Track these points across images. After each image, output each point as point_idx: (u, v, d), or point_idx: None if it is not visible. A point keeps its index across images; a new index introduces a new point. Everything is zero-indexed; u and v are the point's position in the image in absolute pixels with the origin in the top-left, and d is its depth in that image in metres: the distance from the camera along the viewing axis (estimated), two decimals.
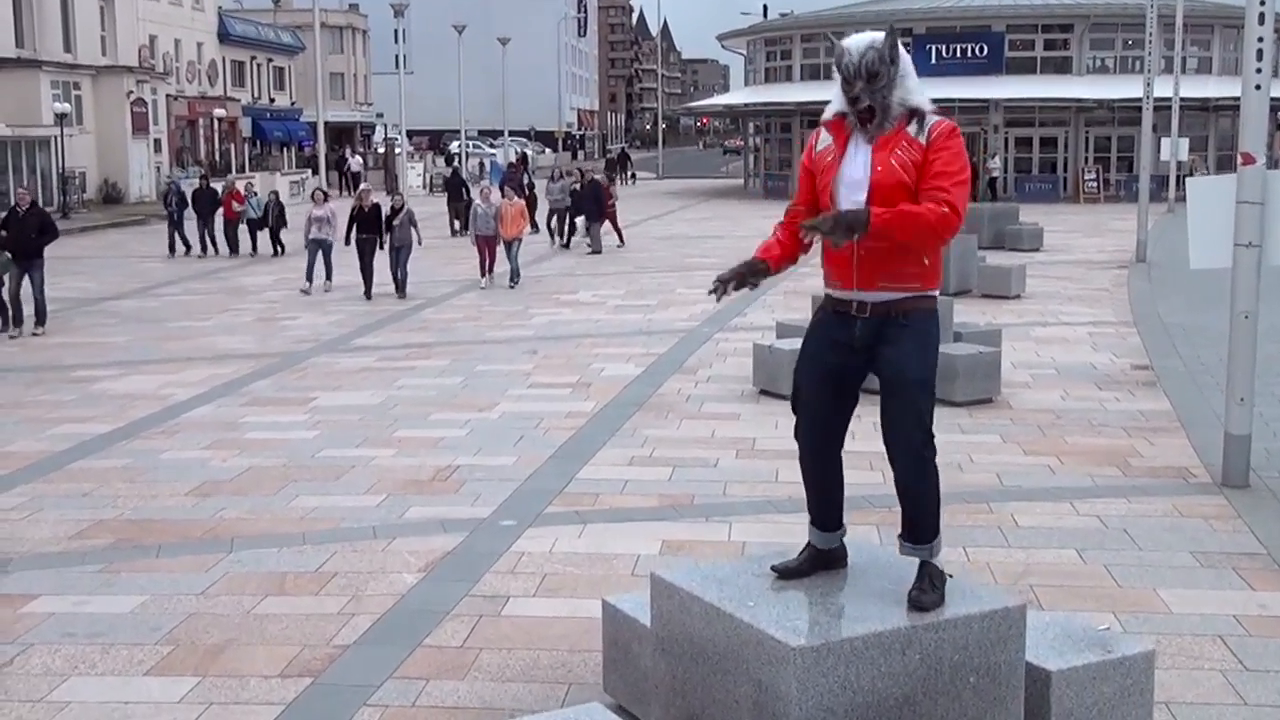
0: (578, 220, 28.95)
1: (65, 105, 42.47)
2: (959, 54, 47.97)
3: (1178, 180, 39.01)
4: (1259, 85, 8.77)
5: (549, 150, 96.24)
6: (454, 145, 70.87)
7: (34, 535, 8.40)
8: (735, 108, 60.39)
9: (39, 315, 17.52)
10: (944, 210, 4.55)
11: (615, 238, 29.42)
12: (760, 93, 54.65)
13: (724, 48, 63.14)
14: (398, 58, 51.36)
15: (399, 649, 6.37)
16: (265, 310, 19.72)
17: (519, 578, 7.39)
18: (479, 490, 9.25)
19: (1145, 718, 5.09)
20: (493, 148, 76.50)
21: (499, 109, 64.53)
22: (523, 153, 58.50)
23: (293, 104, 71.93)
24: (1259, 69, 8.79)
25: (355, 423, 11.58)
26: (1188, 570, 7.42)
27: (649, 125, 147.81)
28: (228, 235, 28.92)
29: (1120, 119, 46.14)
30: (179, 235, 29.08)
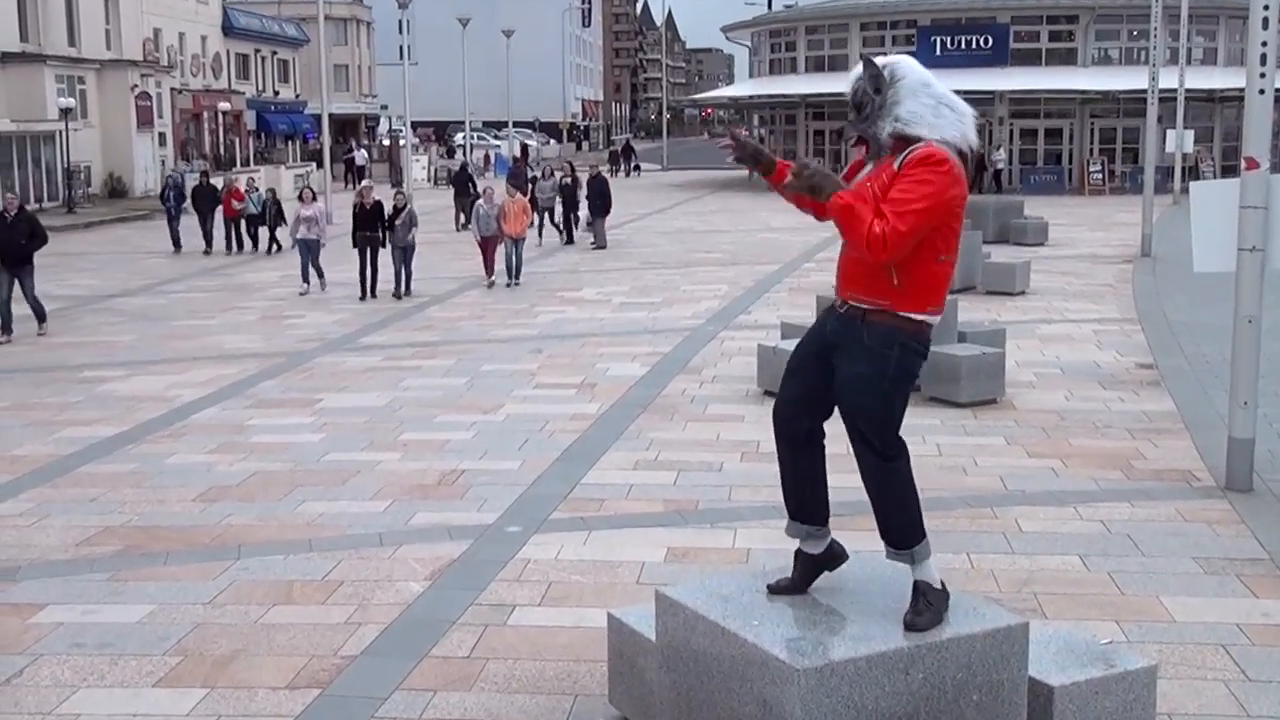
0: (581, 215, 28.89)
1: (70, 100, 42.49)
2: (964, 46, 47.92)
3: (1183, 172, 38.99)
4: (1263, 90, 8.78)
5: (553, 141, 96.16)
6: (459, 137, 70.93)
7: (42, 542, 8.44)
8: (740, 100, 60.36)
9: (38, 317, 17.41)
10: (879, 232, 4.46)
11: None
12: (765, 84, 54.58)
13: (728, 39, 63.04)
14: (402, 49, 51.31)
15: (406, 660, 6.41)
16: (270, 308, 19.76)
17: (524, 586, 7.43)
18: (485, 495, 9.28)
19: None
20: (497, 139, 76.53)
21: (503, 100, 64.43)
22: (524, 146, 58.42)
23: (297, 96, 71.92)
24: (1263, 73, 8.79)
25: (361, 425, 11.62)
26: (1191, 577, 7.44)
27: (654, 115, 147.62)
28: (228, 232, 28.84)
29: (1125, 110, 46.10)
30: (171, 232, 29.05)
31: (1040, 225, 27.52)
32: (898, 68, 4.67)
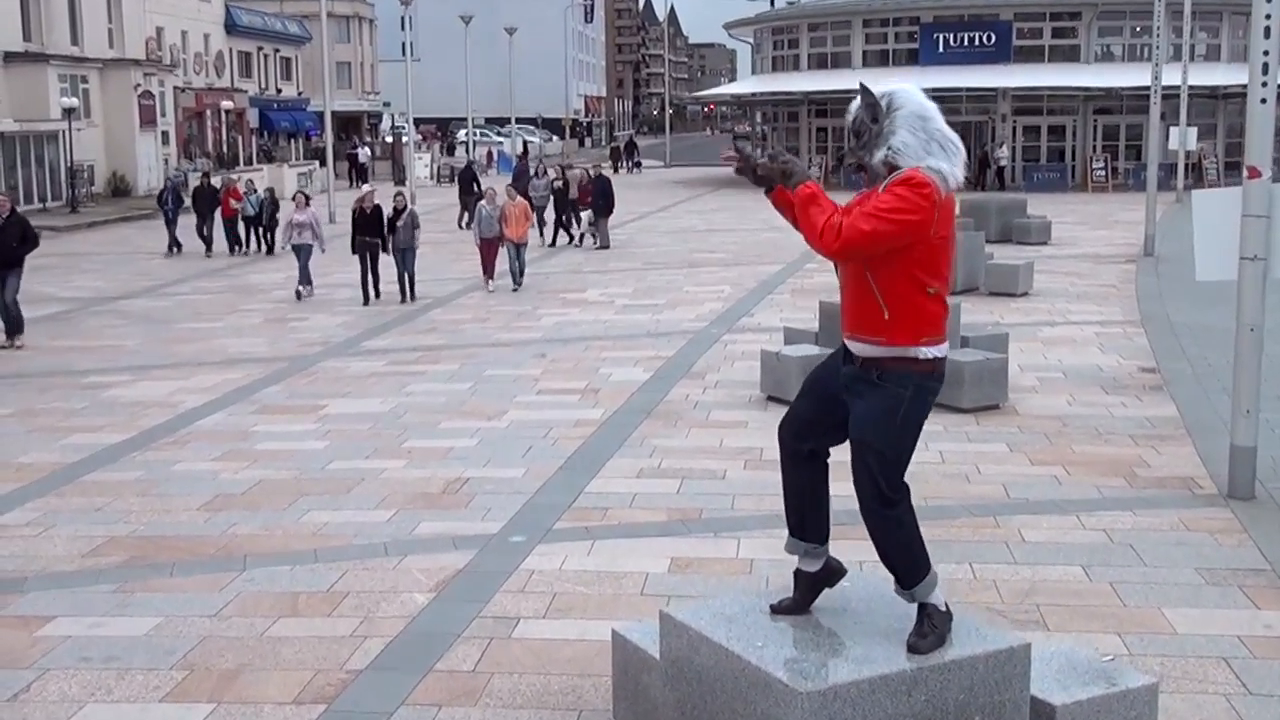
0: (584, 215, 28.90)
1: (73, 100, 42.55)
2: (966, 43, 47.93)
3: (1186, 169, 38.99)
4: (1264, 99, 8.79)
5: (556, 138, 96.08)
6: (461, 134, 70.93)
7: (48, 553, 8.48)
8: (742, 97, 60.36)
9: (13, 326, 16.79)
10: (835, 222, 4.50)
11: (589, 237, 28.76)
12: (767, 82, 54.57)
13: (731, 36, 63.04)
14: (404, 45, 51.39)
15: (411, 674, 6.44)
16: (274, 311, 19.79)
17: (529, 597, 7.46)
18: (489, 504, 9.32)
19: None
20: (500, 136, 76.51)
21: (506, 97, 64.49)
22: (524, 144, 58.38)
23: (299, 94, 71.94)
24: (1264, 82, 8.81)
25: (365, 432, 11.65)
26: (1193, 588, 7.46)
27: (656, 111, 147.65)
28: (227, 233, 28.69)
29: (1128, 107, 46.09)
30: (170, 234, 28.92)
31: (1043, 224, 27.53)
32: (895, 97, 4.66)
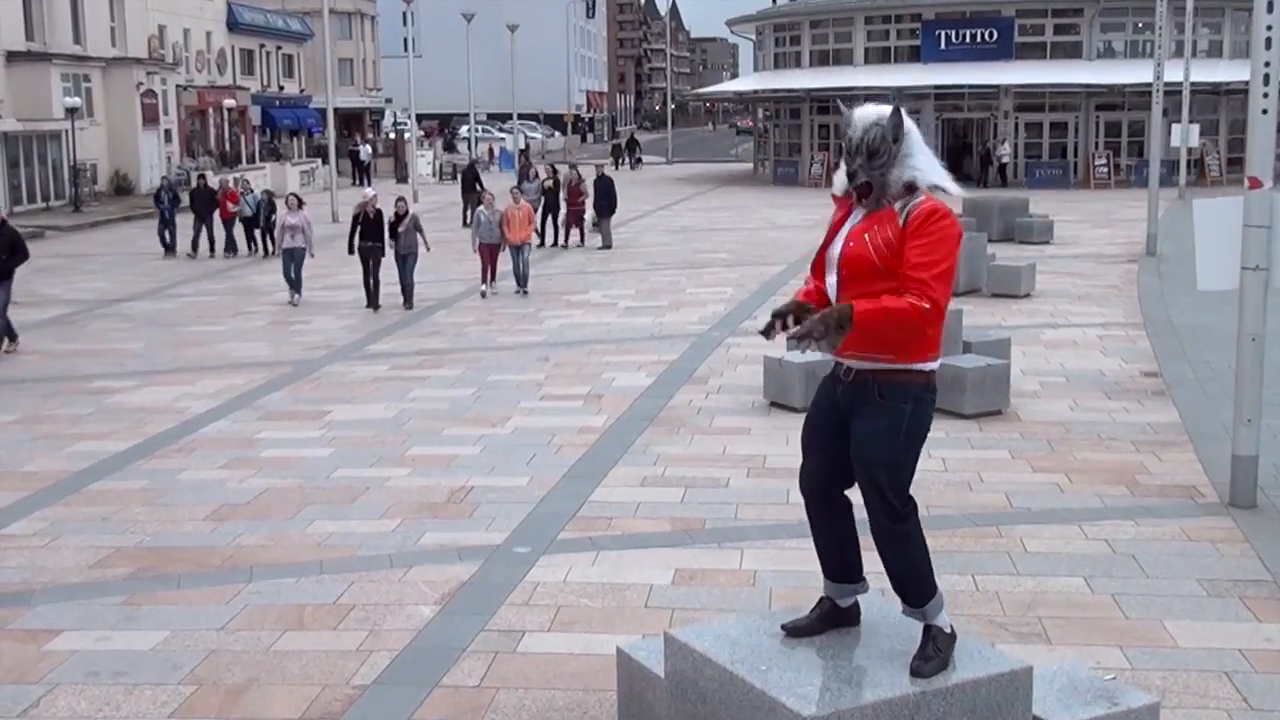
0: (587, 216, 28.91)
1: (76, 99, 42.57)
2: (968, 39, 47.89)
3: (1188, 165, 38.99)
4: (1265, 110, 8.81)
5: (558, 134, 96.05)
6: (463, 130, 70.89)
7: (55, 564, 8.52)
8: (745, 94, 60.29)
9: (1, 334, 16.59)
10: (925, 306, 4.51)
11: (576, 236, 28.72)
12: (769, 79, 54.54)
13: (733, 33, 63.01)
14: (406, 41, 51.39)
15: (417, 689, 6.48)
16: (278, 313, 19.81)
17: (534, 610, 7.50)
18: (493, 514, 9.35)
19: None
20: (502, 132, 76.48)
21: (507, 93, 64.46)
22: (526, 142, 58.32)
23: (302, 91, 71.94)
24: (1265, 93, 8.83)
25: (369, 439, 11.69)
26: (1195, 600, 7.50)
27: (658, 106, 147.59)
28: (229, 233, 28.52)
29: (1131, 103, 46.06)
30: (169, 235, 28.70)
31: (1045, 224, 27.54)
32: (907, 120, 4.71)
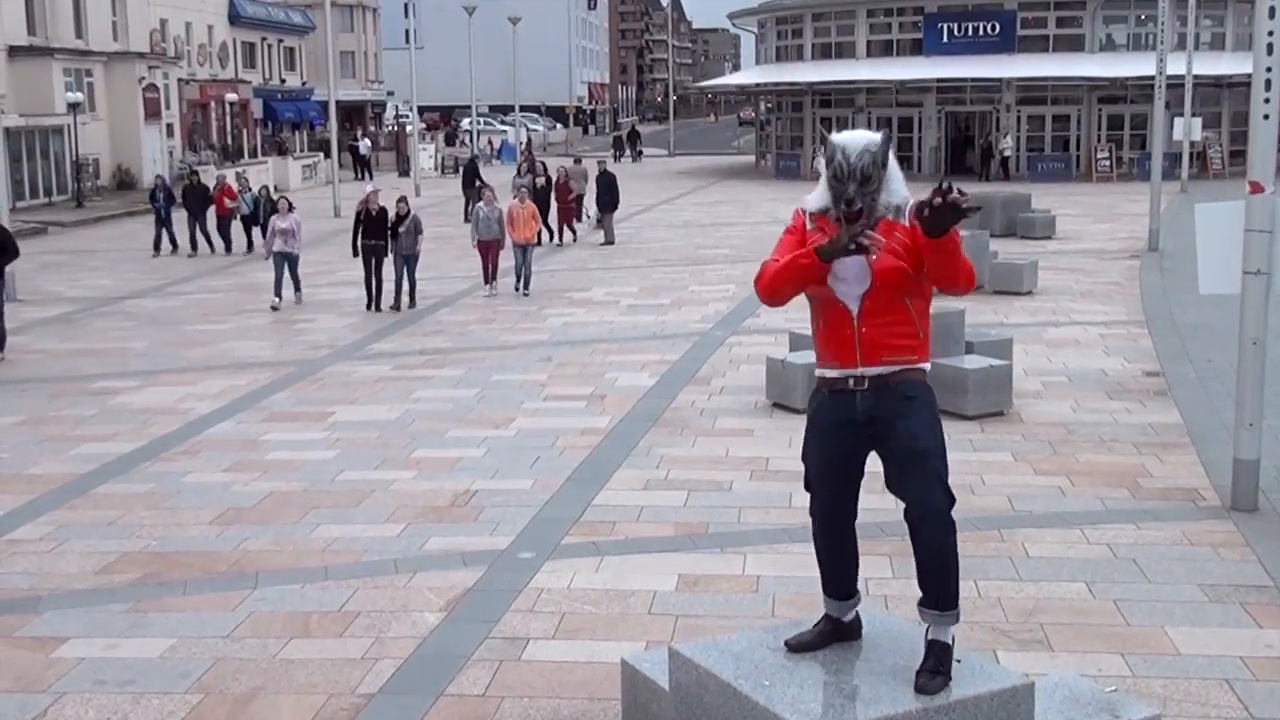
0: (590, 211, 28.92)
1: (78, 95, 42.54)
2: (971, 32, 47.81)
3: (1191, 158, 38.96)
4: (1267, 115, 8.83)
5: (560, 126, 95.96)
6: (465, 123, 70.85)
7: (62, 570, 8.56)
8: (747, 88, 60.26)
9: None
10: (972, 269, 4.85)
11: (569, 234, 28.56)
12: (771, 72, 54.49)
13: (735, 26, 62.94)
14: (408, 32, 51.39)
15: (422, 698, 6.52)
16: (280, 312, 19.78)
17: (538, 617, 7.54)
18: (497, 518, 9.39)
19: None
20: (503, 124, 76.42)
21: (509, 85, 64.41)
22: (529, 135, 58.28)
23: (303, 84, 71.91)
24: (1267, 98, 8.84)
25: (374, 441, 11.73)
26: (1196, 606, 7.53)
27: (660, 97, 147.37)
28: (221, 232, 28.27)
29: (1133, 96, 46.01)
30: (166, 232, 28.26)
31: (1048, 219, 27.51)
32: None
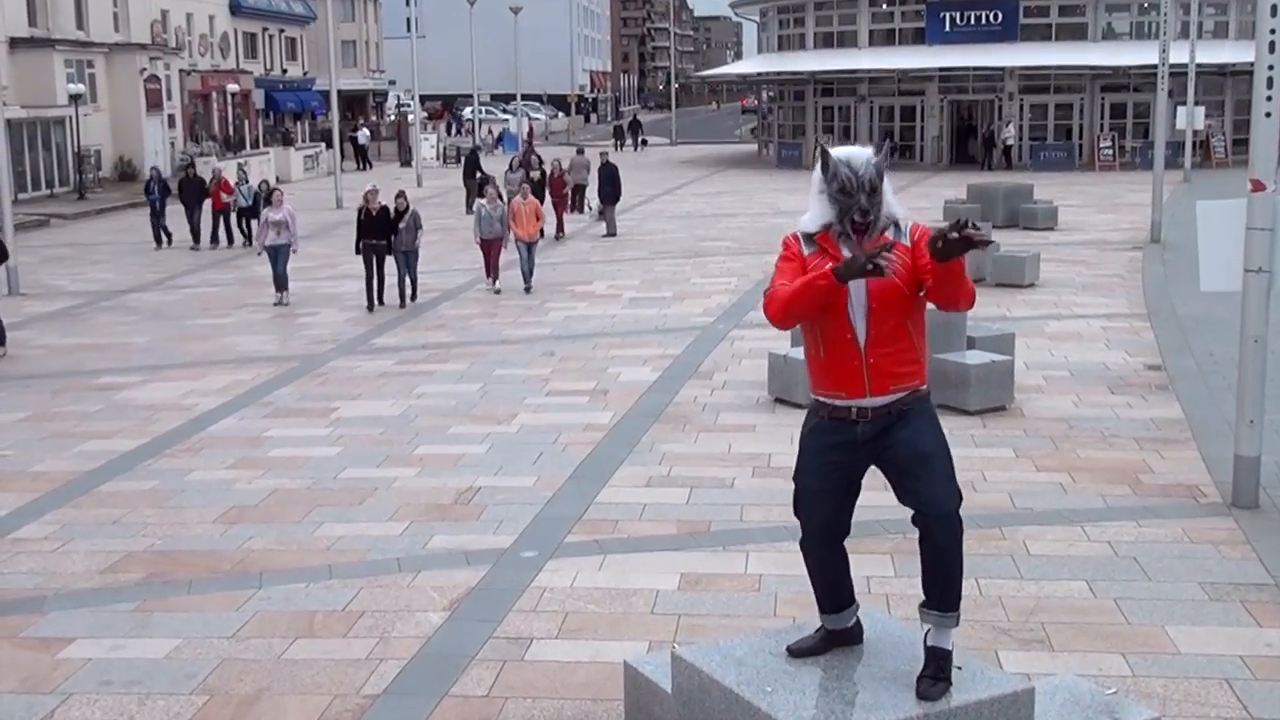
0: (592, 203, 28.92)
1: (80, 86, 42.55)
2: (973, 21, 47.71)
3: (1194, 147, 38.91)
4: (1269, 113, 8.83)
5: (561, 115, 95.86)
6: (467, 111, 70.79)
7: (67, 569, 8.60)
8: (749, 77, 60.16)
9: None
10: (973, 290, 4.89)
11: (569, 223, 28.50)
12: (773, 61, 54.43)
13: (736, 14, 62.84)
14: (409, 21, 51.34)
15: (426, 699, 6.55)
16: (283, 306, 19.73)
17: (541, 617, 7.57)
18: (500, 516, 9.43)
19: None
20: (505, 113, 76.34)
21: (511, 73, 64.37)
22: (530, 124, 58.20)
23: (305, 74, 71.87)
24: (1269, 96, 8.85)
25: (377, 437, 11.76)
26: (1196, 605, 7.56)
27: (661, 85, 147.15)
28: (216, 226, 28.20)
29: (1136, 84, 45.93)
30: (161, 226, 28.22)
31: (1050, 210, 27.50)
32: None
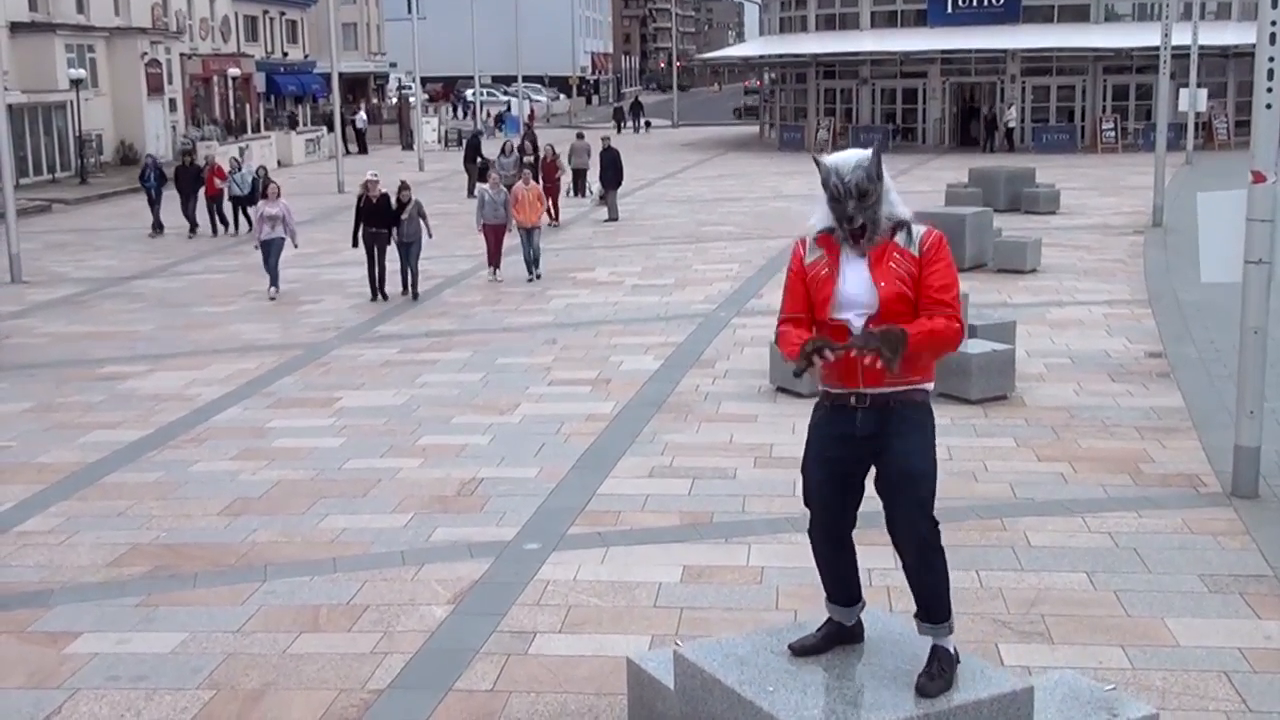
0: (593, 187, 28.91)
1: (81, 71, 42.50)
2: (975, 3, 47.48)
3: (1196, 129, 38.80)
4: (1269, 105, 8.84)
5: (563, 96, 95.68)
6: (469, 93, 70.65)
7: (73, 562, 8.65)
8: (751, 60, 60.03)
9: None
10: (957, 326, 4.82)
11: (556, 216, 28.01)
12: (775, 43, 54.30)
13: None
14: (410, 3, 51.19)
15: (431, 694, 6.60)
16: (286, 293, 19.74)
17: (544, 610, 7.62)
18: (503, 508, 9.47)
19: None
20: (506, 95, 76.19)
21: (512, 55, 64.25)
22: (531, 107, 58.09)
23: (306, 57, 71.75)
24: (1270, 87, 8.85)
25: (380, 427, 11.80)
26: (1195, 596, 7.60)
27: (663, 64, 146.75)
28: (210, 213, 28.01)
29: (1138, 66, 45.80)
30: (156, 215, 28.11)
31: (1052, 194, 27.47)
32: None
